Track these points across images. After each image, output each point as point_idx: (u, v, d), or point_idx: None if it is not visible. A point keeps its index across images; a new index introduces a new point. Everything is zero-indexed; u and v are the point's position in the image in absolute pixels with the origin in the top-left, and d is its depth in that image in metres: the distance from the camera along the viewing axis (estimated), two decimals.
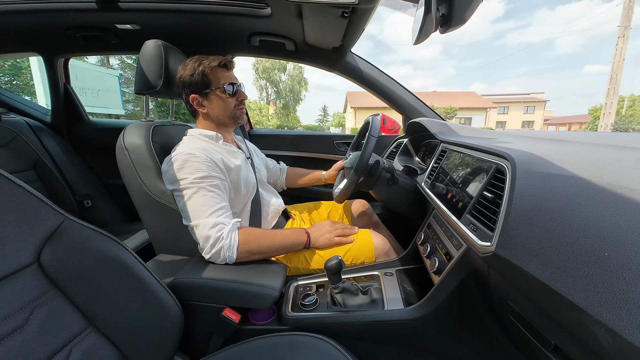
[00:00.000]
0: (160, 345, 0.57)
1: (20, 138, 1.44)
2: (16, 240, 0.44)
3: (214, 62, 0.88)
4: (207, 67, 0.87)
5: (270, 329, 0.76)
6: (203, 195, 0.78)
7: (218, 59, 0.89)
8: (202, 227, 0.76)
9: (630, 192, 0.35)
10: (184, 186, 0.79)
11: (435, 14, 0.53)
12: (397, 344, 0.74)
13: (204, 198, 0.78)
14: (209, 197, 0.79)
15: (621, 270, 0.29)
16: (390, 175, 0.99)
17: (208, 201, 0.78)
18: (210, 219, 0.77)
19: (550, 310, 0.36)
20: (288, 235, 0.88)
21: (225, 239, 0.76)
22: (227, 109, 0.93)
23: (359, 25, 1.01)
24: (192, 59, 0.90)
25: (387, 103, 1.45)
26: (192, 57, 0.91)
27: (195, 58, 0.90)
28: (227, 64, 0.91)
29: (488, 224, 0.51)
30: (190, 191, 0.79)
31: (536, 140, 0.83)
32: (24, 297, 0.43)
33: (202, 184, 0.79)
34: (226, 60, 0.91)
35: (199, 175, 0.79)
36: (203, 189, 0.79)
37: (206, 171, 0.81)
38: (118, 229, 1.52)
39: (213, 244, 0.76)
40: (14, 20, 1.20)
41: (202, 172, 0.80)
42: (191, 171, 0.79)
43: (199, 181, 0.79)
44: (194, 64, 0.88)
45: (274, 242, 0.84)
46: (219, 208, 0.79)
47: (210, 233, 0.76)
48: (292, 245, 0.88)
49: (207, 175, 0.80)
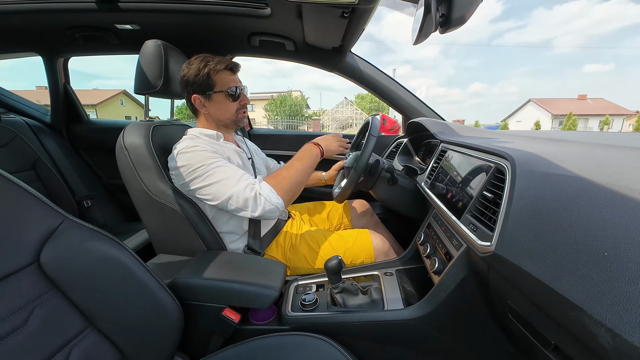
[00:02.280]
0: (160, 345, 0.57)
1: (20, 138, 1.44)
2: (16, 240, 0.44)
3: (220, 65, 0.88)
4: (213, 70, 0.87)
5: (270, 329, 0.76)
6: (221, 172, 0.81)
7: (224, 62, 0.89)
8: (236, 196, 0.79)
9: (631, 192, 0.35)
10: (199, 173, 0.80)
11: (435, 14, 0.53)
12: (397, 343, 0.73)
13: (222, 174, 0.80)
14: (226, 171, 0.81)
15: (621, 270, 0.29)
16: (390, 175, 0.99)
17: (226, 173, 0.80)
18: (239, 185, 0.79)
19: (550, 310, 0.36)
20: (304, 157, 0.91)
21: (261, 192, 0.79)
22: (229, 112, 0.93)
23: (358, 25, 1.01)
24: (197, 58, 0.88)
25: (387, 103, 1.45)
26: (197, 55, 0.89)
27: (201, 57, 0.88)
28: (233, 68, 0.91)
29: (488, 224, 0.51)
30: (210, 174, 0.80)
31: (536, 140, 0.83)
32: (23, 297, 0.43)
33: (214, 164, 0.81)
34: (233, 63, 0.90)
35: (209, 159, 0.81)
36: (220, 167, 0.81)
37: (214, 155, 0.83)
38: (118, 229, 1.52)
39: (255, 202, 0.78)
40: (14, 20, 1.20)
41: (212, 157, 0.82)
42: (201, 159, 0.81)
43: (211, 162, 0.81)
44: (200, 64, 0.87)
45: (298, 171, 0.88)
46: (240, 175, 0.81)
47: (246, 195, 0.78)
48: (312, 162, 0.92)
49: (215, 157, 0.82)
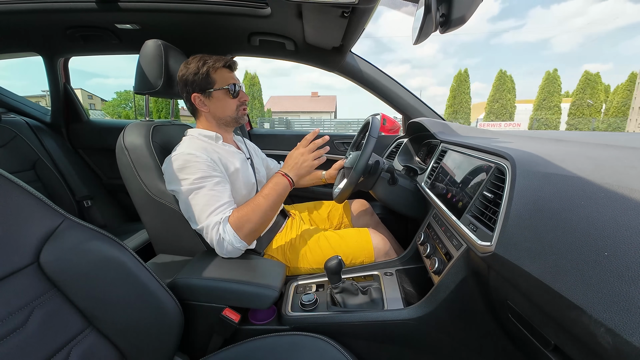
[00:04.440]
0: (160, 345, 0.57)
1: (20, 138, 1.44)
2: (15, 241, 0.44)
3: (218, 62, 0.89)
4: (212, 67, 0.88)
5: (270, 329, 0.75)
6: (204, 195, 0.79)
7: (222, 59, 0.90)
8: (206, 231, 0.78)
9: (631, 192, 0.35)
10: (185, 187, 0.79)
11: (435, 14, 0.53)
12: (397, 343, 0.73)
13: (204, 198, 0.79)
14: (210, 196, 0.79)
15: (621, 270, 0.29)
16: (390, 175, 0.99)
17: (209, 200, 0.79)
18: (210, 219, 0.78)
19: (550, 310, 0.36)
20: (269, 194, 0.82)
21: (224, 236, 0.77)
22: (230, 109, 0.94)
23: (359, 25, 1.01)
24: (195, 58, 0.89)
25: (387, 103, 1.45)
26: (194, 55, 0.91)
27: (199, 57, 0.89)
28: (231, 65, 0.92)
29: (488, 224, 0.51)
30: (192, 192, 0.79)
31: (536, 140, 0.83)
32: (23, 297, 0.43)
33: (203, 183, 0.79)
34: (231, 61, 0.92)
35: (200, 175, 0.80)
36: (205, 188, 0.79)
37: (207, 171, 0.81)
38: (118, 229, 1.52)
39: (220, 245, 0.78)
40: (14, 20, 1.20)
41: (203, 172, 0.80)
42: (192, 171, 0.80)
43: (199, 181, 0.79)
44: (198, 62, 0.88)
45: (261, 209, 0.80)
46: (218, 206, 0.79)
47: (212, 236, 0.77)
48: (280, 196, 0.84)
49: (208, 175, 0.81)
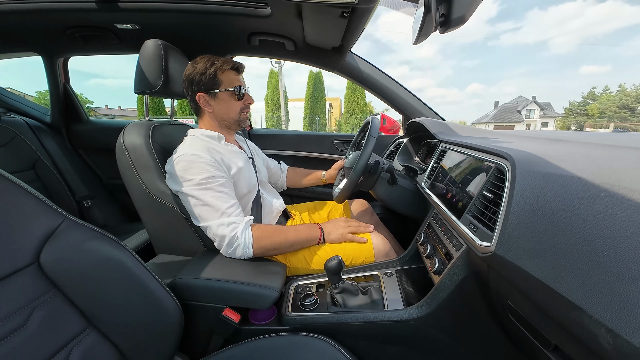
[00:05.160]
0: (160, 345, 0.57)
1: (20, 138, 1.44)
2: (16, 241, 0.44)
3: (226, 64, 0.90)
4: (219, 69, 0.89)
5: (270, 329, 0.75)
6: (212, 196, 0.79)
7: (230, 62, 0.91)
8: (217, 227, 0.78)
9: (630, 192, 0.35)
10: (191, 188, 0.80)
11: (435, 14, 0.53)
12: (397, 344, 0.73)
13: (213, 198, 0.79)
14: (219, 197, 0.80)
15: (621, 270, 0.29)
16: (390, 175, 0.99)
17: (218, 200, 0.79)
18: (223, 219, 0.78)
19: (550, 310, 0.36)
20: (302, 231, 0.89)
21: (240, 237, 0.78)
22: (233, 111, 0.94)
23: (358, 25, 1.01)
24: (203, 58, 0.90)
25: (387, 103, 1.45)
26: (202, 56, 0.92)
27: (207, 57, 0.91)
28: (238, 68, 0.93)
29: (488, 224, 0.51)
30: (199, 192, 0.79)
31: (536, 140, 0.83)
32: (23, 297, 0.43)
33: (209, 185, 0.80)
34: (238, 64, 0.93)
35: (206, 175, 0.80)
36: (211, 190, 0.80)
37: (212, 171, 0.81)
38: (118, 229, 1.52)
39: (230, 243, 0.78)
40: (14, 20, 1.20)
41: (208, 172, 0.81)
42: (197, 172, 0.80)
43: (206, 182, 0.80)
44: (206, 63, 0.89)
45: (287, 239, 0.86)
46: (229, 206, 0.80)
47: (225, 232, 0.78)
48: (306, 240, 0.90)
49: (213, 175, 0.81)
